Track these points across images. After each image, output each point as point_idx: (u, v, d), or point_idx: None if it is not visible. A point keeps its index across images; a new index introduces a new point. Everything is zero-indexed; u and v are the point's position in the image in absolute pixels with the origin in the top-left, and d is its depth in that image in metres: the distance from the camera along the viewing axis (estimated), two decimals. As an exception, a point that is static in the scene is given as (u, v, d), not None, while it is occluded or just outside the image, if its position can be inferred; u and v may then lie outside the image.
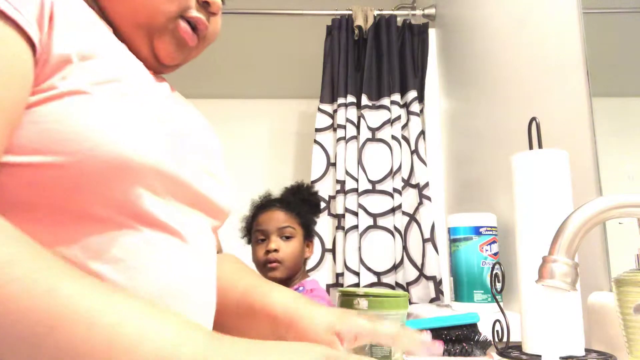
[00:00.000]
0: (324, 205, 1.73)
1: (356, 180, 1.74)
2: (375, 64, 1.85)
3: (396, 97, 1.81)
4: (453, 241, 1.26)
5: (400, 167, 1.75)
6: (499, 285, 0.79)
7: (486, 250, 1.22)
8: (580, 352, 0.69)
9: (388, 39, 1.86)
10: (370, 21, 1.87)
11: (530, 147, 0.82)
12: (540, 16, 1.11)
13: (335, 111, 1.84)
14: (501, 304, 0.81)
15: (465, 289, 1.22)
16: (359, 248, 1.67)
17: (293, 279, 1.42)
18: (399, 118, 1.79)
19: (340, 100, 1.81)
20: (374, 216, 1.70)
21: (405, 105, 1.84)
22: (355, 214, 1.71)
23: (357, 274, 1.65)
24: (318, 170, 1.79)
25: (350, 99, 1.81)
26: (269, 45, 2.37)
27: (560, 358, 0.67)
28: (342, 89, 1.82)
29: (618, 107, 0.86)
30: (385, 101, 1.81)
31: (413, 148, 1.78)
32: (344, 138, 1.78)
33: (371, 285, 1.63)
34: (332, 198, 1.77)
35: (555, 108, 1.03)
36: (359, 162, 1.75)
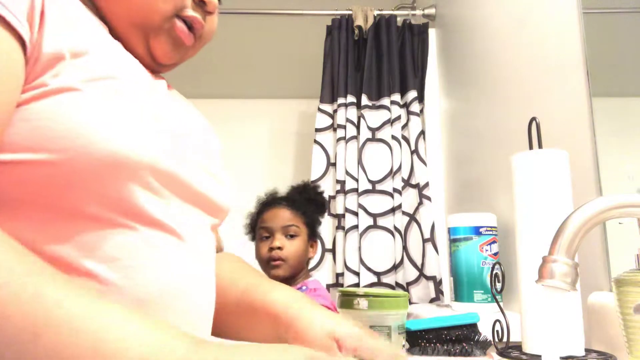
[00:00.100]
0: (324, 205, 1.73)
1: (356, 180, 1.74)
2: (375, 64, 1.85)
3: (396, 97, 1.81)
4: (453, 241, 1.26)
5: (400, 167, 1.75)
6: (499, 285, 0.79)
7: (486, 250, 1.22)
8: (580, 352, 0.69)
9: (388, 39, 1.86)
10: (370, 21, 1.87)
11: (530, 147, 0.82)
12: (540, 16, 1.11)
13: (335, 111, 1.84)
14: (501, 304, 0.81)
15: (465, 289, 1.22)
16: (359, 248, 1.67)
17: (296, 278, 1.42)
18: (399, 118, 1.79)
19: (340, 100, 1.81)
20: (374, 216, 1.70)
21: (405, 105, 1.84)
22: (355, 214, 1.71)
23: (357, 274, 1.65)
24: (318, 170, 1.79)
25: (350, 99, 1.81)
26: (269, 45, 2.37)
27: (560, 358, 0.67)
28: (342, 89, 1.82)
29: (618, 107, 0.86)
30: (385, 101, 1.81)
31: (413, 148, 1.78)
32: (344, 138, 1.78)
33: (371, 285, 1.63)
34: (332, 198, 1.77)
35: (555, 108, 1.03)
36: (359, 162, 1.75)
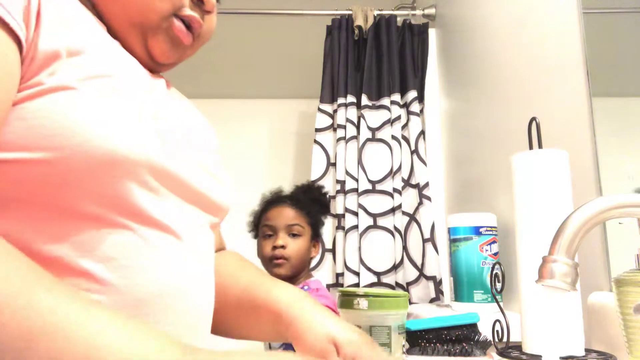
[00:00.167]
0: (324, 205, 1.73)
1: (356, 180, 1.74)
2: (375, 64, 1.85)
3: (396, 97, 1.81)
4: (453, 241, 1.26)
5: (400, 167, 1.75)
6: (499, 285, 0.79)
7: (486, 250, 1.22)
8: (580, 352, 0.69)
9: (388, 39, 1.86)
10: (370, 21, 1.87)
11: (530, 147, 0.82)
12: (540, 16, 1.11)
13: (335, 111, 1.84)
14: (501, 304, 0.81)
15: (465, 289, 1.22)
16: (359, 248, 1.67)
17: (297, 278, 1.42)
18: (399, 118, 1.79)
19: (340, 100, 1.81)
20: (374, 216, 1.70)
21: (405, 105, 1.84)
22: (355, 214, 1.71)
23: (357, 274, 1.65)
24: (318, 170, 1.79)
25: (350, 99, 1.81)
26: (269, 45, 2.37)
27: (560, 358, 0.67)
28: (342, 89, 1.82)
29: (618, 107, 0.86)
30: (385, 101, 1.81)
31: (413, 148, 1.78)
32: (344, 138, 1.78)
33: (371, 285, 1.63)
34: (332, 198, 1.77)
35: (555, 108, 1.03)
36: (359, 162, 1.75)
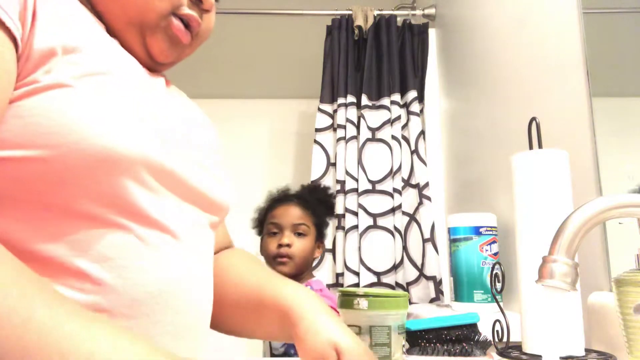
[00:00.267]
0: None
1: (356, 180, 1.74)
2: (375, 64, 1.85)
3: (396, 97, 1.81)
4: (453, 241, 1.26)
5: (400, 167, 1.75)
6: (499, 285, 0.79)
7: (486, 250, 1.22)
8: (580, 352, 0.69)
9: (388, 39, 1.86)
10: (370, 21, 1.87)
11: (530, 147, 0.82)
12: (540, 16, 1.10)
13: (335, 111, 1.84)
14: (501, 304, 0.81)
15: (465, 289, 1.22)
16: (359, 248, 1.67)
17: (300, 278, 1.42)
18: (399, 118, 1.79)
19: (340, 100, 1.81)
20: (374, 216, 1.70)
21: (405, 105, 1.84)
22: (355, 214, 1.71)
23: (357, 274, 1.65)
24: (318, 170, 1.79)
25: (350, 99, 1.81)
26: (269, 45, 2.37)
27: (560, 358, 0.67)
28: (342, 89, 1.82)
29: (618, 107, 0.85)
30: (385, 101, 1.81)
31: (413, 148, 1.78)
32: (344, 138, 1.77)
33: (371, 285, 1.63)
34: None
35: (555, 108, 1.03)
36: (359, 162, 1.75)
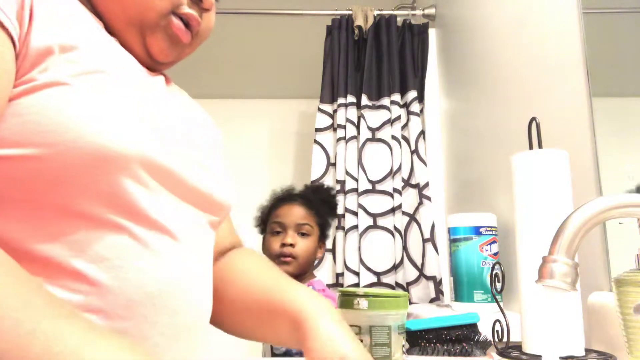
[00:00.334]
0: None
1: (356, 180, 1.74)
2: (375, 64, 1.85)
3: (396, 97, 1.81)
4: (453, 241, 1.26)
5: (400, 167, 1.75)
6: (499, 285, 0.79)
7: (486, 250, 1.22)
8: (580, 352, 0.69)
9: (388, 39, 1.86)
10: (370, 21, 1.87)
11: (530, 147, 0.82)
12: (540, 16, 1.10)
13: (335, 111, 1.84)
14: (501, 304, 0.81)
15: (465, 289, 1.22)
16: (359, 248, 1.67)
17: (302, 278, 1.42)
18: (399, 118, 1.79)
19: (340, 100, 1.81)
20: (374, 216, 1.70)
21: (405, 105, 1.84)
22: (355, 214, 1.71)
23: (357, 274, 1.65)
24: (318, 170, 1.79)
25: (350, 99, 1.81)
26: (269, 45, 2.37)
27: (560, 358, 0.67)
28: (342, 89, 1.82)
29: (618, 107, 0.85)
30: (385, 101, 1.81)
31: (413, 148, 1.78)
32: (344, 138, 1.78)
33: (371, 285, 1.63)
34: (332, 198, 1.77)
35: (555, 108, 1.03)
36: (359, 162, 1.75)
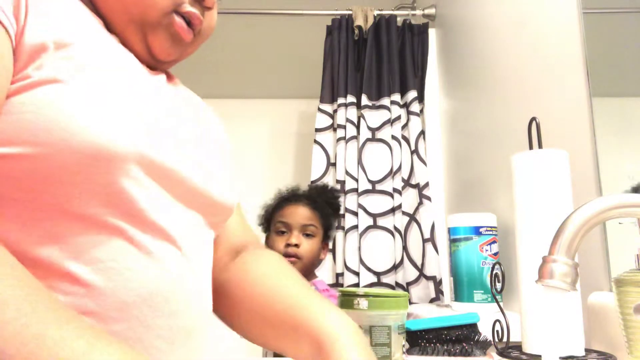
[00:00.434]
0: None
1: (356, 180, 1.74)
2: (375, 64, 1.85)
3: (396, 97, 1.81)
4: (453, 241, 1.26)
5: (400, 167, 1.75)
6: (499, 285, 0.79)
7: (486, 250, 1.22)
8: (580, 352, 0.69)
9: (388, 39, 1.86)
10: (370, 21, 1.87)
11: (530, 147, 0.82)
12: (540, 16, 1.10)
13: (335, 111, 1.84)
14: (501, 304, 0.81)
15: (465, 289, 1.22)
16: (359, 248, 1.67)
17: (304, 278, 1.42)
18: (399, 118, 1.79)
19: (340, 100, 1.81)
20: (374, 216, 1.70)
21: (405, 105, 1.84)
22: (355, 214, 1.71)
23: (357, 274, 1.65)
24: (318, 170, 1.79)
25: (350, 99, 1.81)
26: (269, 45, 2.37)
27: (560, 358, 0.67)
28: (342, 89, 1.82)
29: (618, 107, 0.85)
30: (385, 101, 1.81)
31: (413, 148, 1.78)
32: (344, 138, 1.77)
33: (371, 285, 1.63)
34: (332, 198, 1.77)
35: (555, 108, 1.03)
36: (359, 162, 1.75)
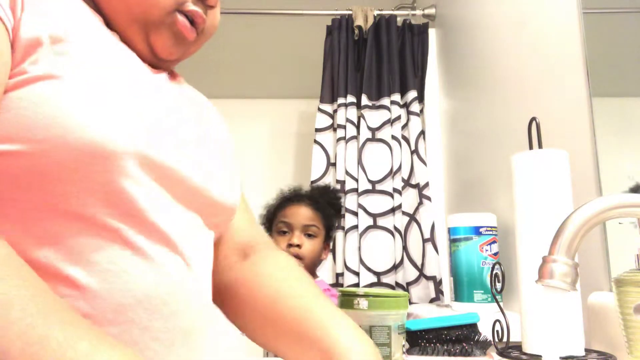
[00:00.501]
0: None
1: (356, 180, 1.74)
2: (375, 64, 1.85)
3: (396, 97, 1.81)
4: (453, 241, 1.26)
5: (400, 167, 1.75)
6: (499, 285, 0.79)
7: (486, 250, 1.22)
8: (580, 352, 0.69)
9: (388, 39, 1.86)
10: (370, 21, 1.87)
11: (530, 147, 0.82)
12: (540, 16, 1.10)
13: (335, 111, 1.84)
14: (501, 304, 0.81)
15: (465, 289, 1.22)
16: (359, 248, 1.67)
17: None
18: (399, 118, 1.79)
19: (340, 100, 1.81)
20: (374, 216, 1.70)
21: (405, 105, 1.84)
22: (355, 214, 1.71)
23: (357, 274, 1.65)
24: (318, 170, 1.79)
25: (350, 99, 1.81)
26: (269, 45, 2.37)
27: (560, 358, 0.67)
28: (342, 89, 1.82)
29: (618, 107, 0.85)
30: (385, 101, 1.81)
31: (413, 148, 1.78)
32: (344, 138, 1.77)
33: (371, 285, 1.63)
34: (332, 198, 1.77)
35: (555, 108, 1.03)
36: (359, 162, 1.75)
